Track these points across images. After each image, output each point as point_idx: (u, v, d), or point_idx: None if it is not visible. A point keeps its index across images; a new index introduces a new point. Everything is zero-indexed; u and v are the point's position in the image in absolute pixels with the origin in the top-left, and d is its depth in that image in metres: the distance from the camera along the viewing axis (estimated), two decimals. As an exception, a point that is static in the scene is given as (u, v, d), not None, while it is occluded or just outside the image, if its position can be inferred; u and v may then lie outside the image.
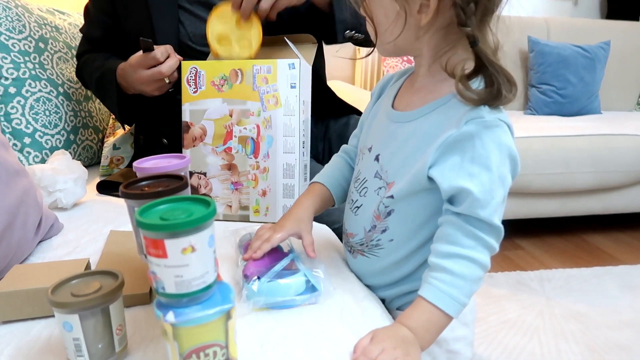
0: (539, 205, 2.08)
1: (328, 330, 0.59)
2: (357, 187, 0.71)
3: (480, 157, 0.57)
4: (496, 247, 0.59)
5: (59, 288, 0.52)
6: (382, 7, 0.62)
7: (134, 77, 1.01)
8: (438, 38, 0.61)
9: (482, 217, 0.57)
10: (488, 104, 0.58)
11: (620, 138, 2.08)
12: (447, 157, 0.59)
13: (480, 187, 0.56)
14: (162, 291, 0.44)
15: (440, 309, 0.56)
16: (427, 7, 0.58)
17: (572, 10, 3.15)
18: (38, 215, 0.80)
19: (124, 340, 0.54)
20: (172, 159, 0.66)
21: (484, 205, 0.57)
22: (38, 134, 1.18)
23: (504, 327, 1.51)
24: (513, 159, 0.59)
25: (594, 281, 1.81)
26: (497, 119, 0.58)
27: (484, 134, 0.57)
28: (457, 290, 0.56)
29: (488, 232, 0.58)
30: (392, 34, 0.62)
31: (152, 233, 0.42)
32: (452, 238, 0.58)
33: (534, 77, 2.54)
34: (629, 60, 2.76)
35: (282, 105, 0.91)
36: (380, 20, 0.63)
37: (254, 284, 0.62)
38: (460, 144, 0.58)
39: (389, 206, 0.65)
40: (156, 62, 0.97)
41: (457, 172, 0.57)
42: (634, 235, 2.25)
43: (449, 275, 0.57)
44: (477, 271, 0.57)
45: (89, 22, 1.22)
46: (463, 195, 0.57)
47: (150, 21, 1.07)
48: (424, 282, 0.58)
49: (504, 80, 0.57)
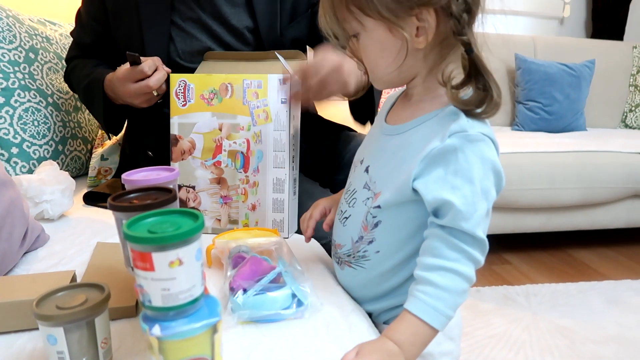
0: (525, 220, 2.10)
1: (315, 344, 0.59)
2: (346, 199, 0.72)
3: (462, 170, 0.58)
4: (481, 260, 0.59)
5: (44, 300, 0.52)
6: (377, 44, 0.62)
7: (121, 90, 1.01)
8: (434, 54, 0.62)
9: (465, 229, 0.57)
10: (481, 109, 0.59)
11: (605, 155, 2.12)
12: (431, 169, 0.60)
13: (462, 200, 0.57)
14: (149, 304, 0.44)
15: (425, 322, 0.56)
16: (424, 29, 0.59)
17: (559, 29, 3.21)
18: (24, 227, 0.80)
19: (109, 353, 0.53)
20: (161, 172, 0.66)
21: (467, 218, 0.57)
22: (26, 144, 1.18)
23: (490, 341, 1.51)
24: (497, 173, 0.60)
25: (579, 296, 1.83)
26: (481, 134, 0.59)
27: (467, 148, 0.58)
28: (442, 303, 0.57)
29: (472, 245, 0.58)
30: (394, 64, 0.62)
31: (140, 246, 0.42)
32: (436, 251, 0.58)
33: (521, 93, 2.59)
34: (614, 79, 2.82)
35: (273, 120, 0.91)
36: (376, 56, 0.63)
37: (239, 297, 0.62)
38: (444, 157, 0.59)
39: (376, 217, 0.66)
40: (144, 75, 0.96)
41: (440, 184, 0.58)
42: (618, 251, 2.28)
43: (433, 288, 0.57)
44: (461, 284, 0.58)
45: (80, 27, 1.21)
46: (446, 208, 0.58)
47: (140, 34, 1.07)
48: (410, 296, 0.59)
49: (495, 86, 0.59)
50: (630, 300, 1.80)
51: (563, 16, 3.17)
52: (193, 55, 0.99)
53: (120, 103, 1.07)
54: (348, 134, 1.21)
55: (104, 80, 1.06)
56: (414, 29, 0.59)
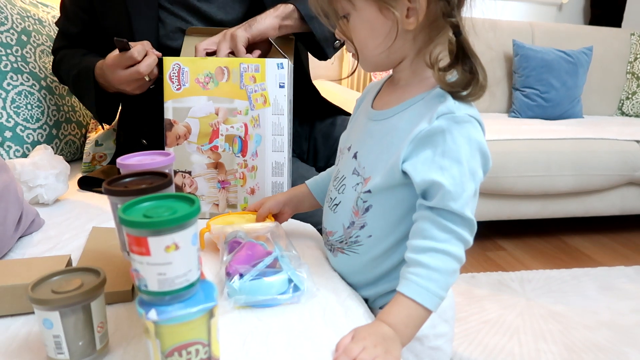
0: (520, 207, 2.11)
1: (311, 329, 0.60)
2: (335, 186, 0.72)
3: (450, 151, 0.58)
4: (470, 240, 0.60)
5: (40, 285, 0.51)
6: (367, 24, 0.62)
7: (112, 77, 0.98)
8: (423, 36, 0.62)
9: (454, 209, 0.58)
10: (467, 91, 0.60)
11: (601, 142, 2.12)
12: (419, 151, 0.60)
13: (451, 180, 0.58)
14: (145, 289, 0.44)
15: (419, 303, 0.57)
16: (414, 10, 0.59)
17: (557, 15, 3.20)
18: (18, 211, 0.79)
19: (105, 337, 0.53)
20: (156, 156, 0.65)
21: (455, 198, 0.58)
22: (19, 128, 1.17)
23: (484, 326, 1.53)
24: (483, 154, 0.61)
25: (573, 282, 1.85)
26: (467, 115, 0.60)
27: (454, 129, 0.58)
28: (434, 283, 0.57)
29: (461, 225, 0.59)
30: (383, 45, 0.62)
31: (135, 230, 0.42)
32: (426, 233, 0.59)
33: (518, 80, 2.58)
34: (611, 66, 2.81)
35: (271, 104, 0.91)
36: (365, 36, 0.63)
37: (235, 281, 0.62)
38: (432, 138, 0.59)
39: (367, 201, 0.66)
40: (134, 61, 0.94)
41: (428, 165, 0.59)
42: (612, 238, 2.30)
43: (425, 269, 0.58)
44: (452, 264, 0.59)
45: (65, 16, 1.18)
46: (435, 189, 0.59)
47: (128, 20, 1.04)
48: (402, 278, 0.59)
49: (481, 70, 0.59)
50: (624, 287, 1.82)
51: (561, 2, 3.15)
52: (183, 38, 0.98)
53: (112, 91, 1.05)
54: (345, 118, 1.21)
55: (94, 69, 1.04)
56: (404, 9, 0.59)
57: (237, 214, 0.89)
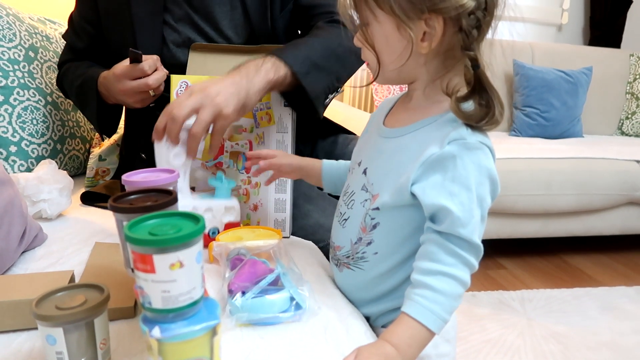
0: (521, 226, 2.11)
1: (312, 347, 0.60)
2: (345, 200, 0.73)
3: (460, 177, 0.59)
4: (476, 265, 0.60)
5: (44, 300, 0.52)
6: (384, 37, 0.63)
7: (117, 87, 0.99)
8: (437, 62, 0.63)
9: (463, 235, 0.58)
10: (481, 124, 0.60)
11: (602, 162, 2.13)
12: (429, 175, 0.61)
13: (460, 207, 0.58)
14: (149, 306, 0.44)
15: (423, 324, 0.57)
16: (429, 35, 0.60)
17: (557, 35, 3.23)
18: (22, 226, 0.80)
19: (107, 354, 0.53)
20: (161, 173, 0.66)
21: (464, 224, 0.58)
22: (24, 143, 1.18)
23: (485, 346, 1.52)
24: (493, 181, 0.61)
25: (574, 302, 1.84)
26: (479, 142, 0.60)
27: (465, 155, 0.59)
28: (439, 306, 0.58)
29: (468, 251, 0.59)
30: (396, 63, 0.64)
31: (141, 248, 0.42)
32: (434, 256, 0.59)
33: (519, 99, 2.60)
34: (610, 86, 2.84)
35: (275, 122, 0.93)
36: (381, 49, 0.64)
37: (237, 299, 0.63)
38: (442, 163, 0.60)
39: (374, 218, 0.67)
40: (143, 73, 0.96)
41: (438, 190, 0.60)
42: (613, 257, 2.29)
43: (430, 291, 0.58)
44: (457, 288, 0.59)
45: (72, 30, 1.20)
46: (444, 214, 0.59)
47: (133, 35, 1.06)
48: (407, 299, 0.59)
49: (498, 104, 0.60)
50: (625, 307, 1.81)
51: (561, 23, 3.18)
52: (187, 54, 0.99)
53: (112, 102, 1.06)
54: (346, 136, 1.21)
55: (97, 78, 1.05)
56: (420, 32, 0.60)
57: (246, 228, 0.89)
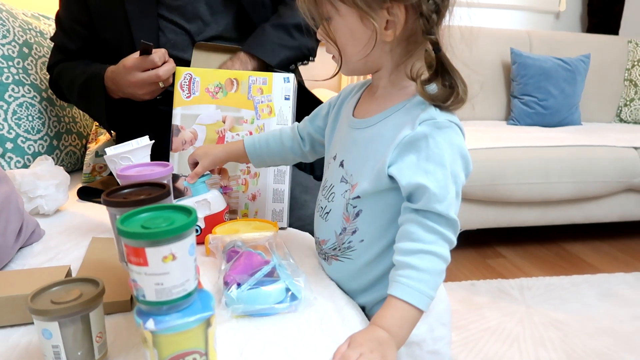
0: (520, 214, 2.11)
1: (308, 337, 0.60)
2: (325, 194, 0.74)
3: (434, 155, 0.61)
4: (454, 241, 0.62)
5: (39, 295, 0.52)
6: (348, 30, 0.65)
7: (127, 79, 0.99)
8: (400, 49, 0.65)
9: (439, 211, 0.60)
10: (447, 104, 0.63)
11: (600, 149, 2.13)
12: (404, 156, 0.63)
13: (435, 183, 0.60)
14: (143, 299, 0.44)
15: (411, 304, 0.58)
16: (393, 23, 0.62)
17: (554, 23, 3.21)
18: (19, 222, 0.80)
19: (104, 347, 0.54)
20: (155, 167, 0.66)
21: (440, 200, 0.60)
22: (20, 139, 1.18)
23: (484, 334, 1.53)
24: (464, 158, 0.64)
25: (573, 289, 1.84)
26: (448, 121, 0.63)
27: (436, 134, 0.61)
28: (425, 284, 0.59)
29: (446, 226, 0.61)
30: (362, 52, 0.65)
31: (133, 241, 0.43)
32: (413, 235, 0.61)
33: (517, 88, 2.59)
34: (609, 73, 2.82)
35: (276, 114, 0.95)
36: (345, 42, 0.66)
37: (233, 291, 0.63)
38: (416, 143, 0.62)
39: (356, 206, 0.68)
40: (154, 65, 0.97)
41: (414, 170, 0.62)
42: (612, 244, 2.30)
43: (414, 271, 0.59)
44: (440, 264, 0.61)
45: (62, 32, 1.17)
46: (420, 191, 0.61)
47: (129, 32, 1.06)
48: (392, 282, 0.61)
49: (461, 83, 0.62)
50: (623, 294, 1.82)
51: (559, 10, 3.17)
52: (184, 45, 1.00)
53: (118, 96, 1.06)
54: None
55: (103, 74, 1.05)
56: (384, 21, 0.62)
57: (243, 220, 0.91)
